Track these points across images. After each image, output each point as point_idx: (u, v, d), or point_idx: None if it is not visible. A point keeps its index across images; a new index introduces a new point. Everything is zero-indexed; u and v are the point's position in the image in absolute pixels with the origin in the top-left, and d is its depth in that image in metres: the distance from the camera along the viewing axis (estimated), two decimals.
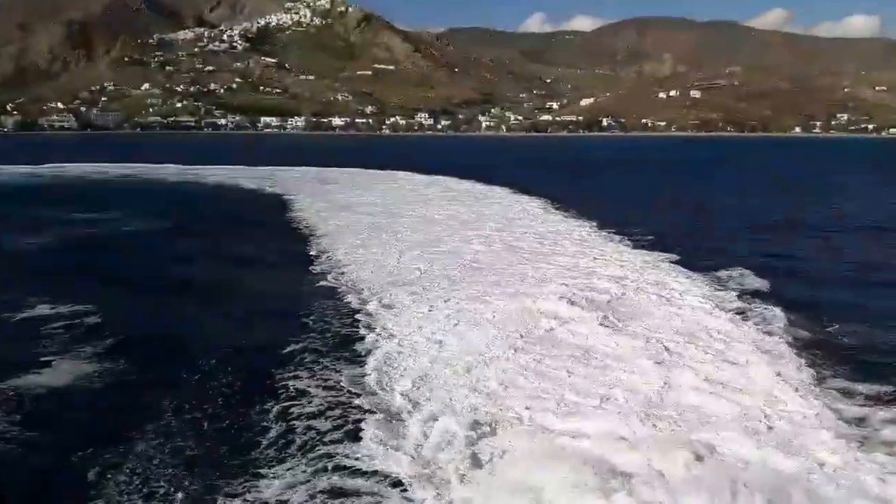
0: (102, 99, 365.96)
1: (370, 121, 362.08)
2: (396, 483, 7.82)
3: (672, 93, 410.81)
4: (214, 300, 16.61)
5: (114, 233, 26.71)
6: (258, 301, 16.46)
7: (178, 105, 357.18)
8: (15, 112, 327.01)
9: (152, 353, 12.47)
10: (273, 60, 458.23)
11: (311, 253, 21.77)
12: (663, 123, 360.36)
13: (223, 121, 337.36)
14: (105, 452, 8.57)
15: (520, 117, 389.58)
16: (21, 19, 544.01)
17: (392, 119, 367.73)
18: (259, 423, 9.41)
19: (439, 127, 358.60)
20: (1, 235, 25.16)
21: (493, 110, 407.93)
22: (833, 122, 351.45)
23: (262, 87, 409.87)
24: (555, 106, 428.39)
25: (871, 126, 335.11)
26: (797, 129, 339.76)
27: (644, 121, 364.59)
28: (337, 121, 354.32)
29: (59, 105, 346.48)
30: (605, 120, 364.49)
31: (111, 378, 11.24)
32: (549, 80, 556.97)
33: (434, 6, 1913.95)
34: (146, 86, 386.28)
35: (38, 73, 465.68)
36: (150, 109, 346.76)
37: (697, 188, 53.78)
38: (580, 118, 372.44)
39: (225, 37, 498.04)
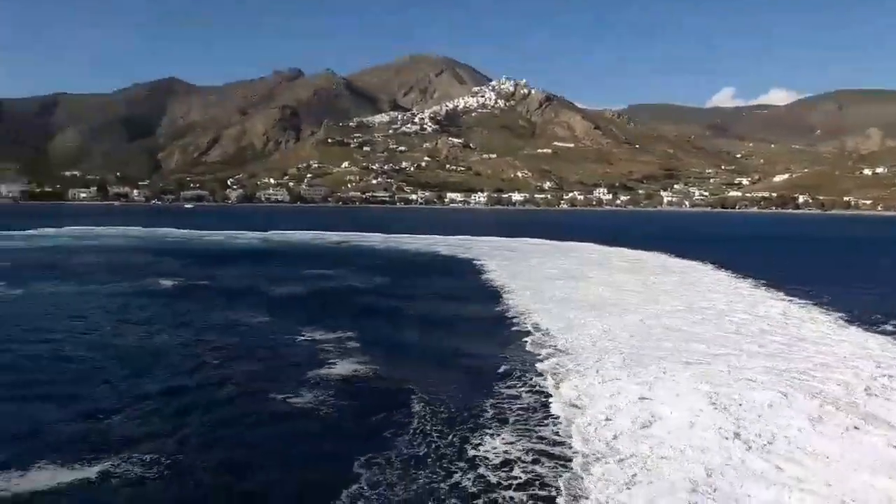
0: (308, 175, 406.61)
1: (548, 196, 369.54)
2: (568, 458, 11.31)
3: (879, 169, 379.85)
4: (426, 337, 21.00)
5: (343, 286, 32.53)
6: (460, 339, 20.68)
7: (374, 181, 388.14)
8: (235, 186, 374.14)
9: (399, 364, 17.13)
10: (459, 140, 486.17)
11: (502, 307, 25.85)
12: (869, 202, 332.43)
13: (414, 196, 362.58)
14: (382, 423, 13.03)
15: (705, 193, 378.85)
16: (241, 105, 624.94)
17: (570, 194, 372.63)
18: (479, 408, 13.52)
19: (618, 202, 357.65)
20: (262, 285, 31.85)
21: (675, 185, 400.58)
22: None
23: (448, 166, 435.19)
24: (745, 182, 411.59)
25: None
26: None
27: (846, 199, 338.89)
28: (517, 196, 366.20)
29: (271, 181, 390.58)
30: (801, 197, 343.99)
31: (376, 375, 16.04)
32: (738, 156, 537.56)
33: (615, 85, 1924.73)
34: (346, 164, 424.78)
35: (255, 152, 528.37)
36: (350, 185, 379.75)
37: None
38: (773, 195, 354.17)
39: (416, 119, 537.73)
